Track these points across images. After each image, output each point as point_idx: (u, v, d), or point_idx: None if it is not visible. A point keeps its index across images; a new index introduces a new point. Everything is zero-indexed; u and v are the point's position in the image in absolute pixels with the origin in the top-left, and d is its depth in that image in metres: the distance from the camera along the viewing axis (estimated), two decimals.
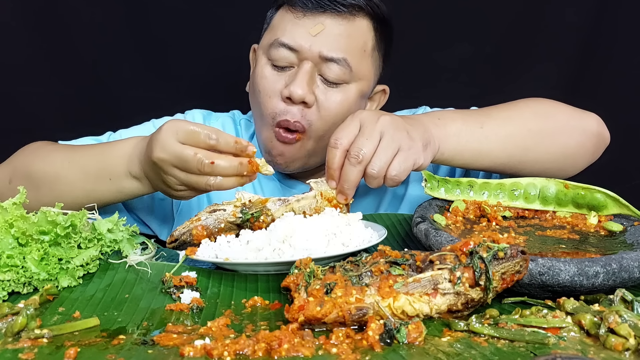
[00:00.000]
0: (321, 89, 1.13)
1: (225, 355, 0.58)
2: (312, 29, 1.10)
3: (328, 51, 1.10)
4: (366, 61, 1.16)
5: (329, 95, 1.13)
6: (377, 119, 0.93)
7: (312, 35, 1.10)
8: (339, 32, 1.12)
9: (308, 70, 1.11)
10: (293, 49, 1.11)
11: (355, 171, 0.91)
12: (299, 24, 1.12)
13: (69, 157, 1.05)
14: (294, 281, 0.70)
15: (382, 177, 0.93)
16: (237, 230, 0.90)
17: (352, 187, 0.93)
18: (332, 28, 1.11)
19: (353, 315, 0.63)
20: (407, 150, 0.93)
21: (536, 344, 0.60)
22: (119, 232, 0.87)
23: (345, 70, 1.12)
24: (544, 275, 0.69)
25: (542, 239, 0.88)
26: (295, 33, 1.11)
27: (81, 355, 0.59)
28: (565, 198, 0.97)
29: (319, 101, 1.12)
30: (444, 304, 0.66)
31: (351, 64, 1.12)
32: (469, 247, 0.67)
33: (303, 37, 1.11)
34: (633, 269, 0.70)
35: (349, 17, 1.12)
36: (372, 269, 0.67)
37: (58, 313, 0.71)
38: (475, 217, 0.97)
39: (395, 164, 0.92)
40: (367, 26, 1.15)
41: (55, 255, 0.78)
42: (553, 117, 1.09)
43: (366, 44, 1.15)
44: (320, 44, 1.10)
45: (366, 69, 1.17)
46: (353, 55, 1.13)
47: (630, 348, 0.58)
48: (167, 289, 0.77)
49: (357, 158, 0.91)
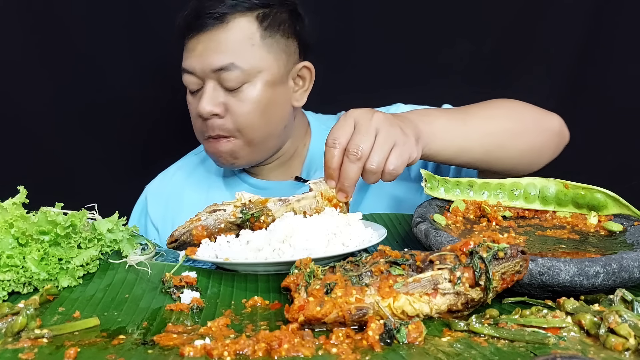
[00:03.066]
0: (228, 97, 1.20)
1: (225, 355, 0.58)
2: (195, 50, 1.19)
3: (214, 63, 1.18)
4: (259, 53, 1.20)
5: (236, 99, 1.20)
6: (371, 117, 0.96)
7: (197, 56, 1.19)
8: (219, 42, 1.19)
9: (210, 87, 1.19)
10: (191, 73, 1.21)
11: (355, 168, 0.93)
12: (188, 48, 1.22)
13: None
14: (294, 281, 0.70)
15: (380, 173, 0.95)
16: (237, 230, 0.90)
17: (352, 184, 0.95)
18: (210, 41, 1.19)
19: (353, 315, 0.63)
20: (402, 145, 0.96)
21: (536, 344, 0.60)
22: (119, 232, 0.87)
23: (238, 72, 1.18)
24: (544, 275, 0.69)
25: (542, 239, 0.88)
26: (189, 58, 1.21)
27: (81, 355, 0.59)
28: (565, 198, 0.97)
29: (230, 109, 1.20)
30: (444, 304, 0.66)
31: (240, 64, 1.18)
32: (469, 247, 0.67)
33: (194, 59, 1.20)
34: (633, 269, 0.70)
35: (223, 25, 1.19)
36: (372, 269, 0.67)
37: (58, 313, 0.71)
38: (475, 217, 0.97)
39: (392, 158, 0.94)
40: (246, 21, 1.20)
41: (55, 255, 0.78)
42: (524, 117, 1.17)
43: (252, 37, 1.20)
44: (207, 59, 1.18)
45: (262, 60, 1.21)
46: (239, 55, 1.19)
47: (630, 348, 0.58)
48: (167, 289, 0.77)
49: (356, 155, 0.93)
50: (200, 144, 1.35)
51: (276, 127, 1.28)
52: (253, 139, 1.24)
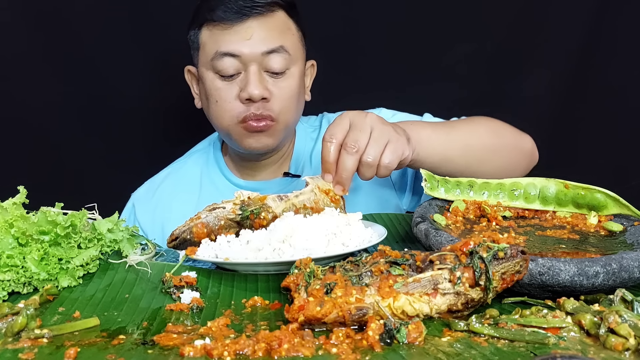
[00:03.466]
0: (271, 82, 1.24)
1: (225, 355, 0.58)
2: (245, 34, 1.21)
3: (266, 46, 1.22)
4: (297, 43, 1.28)
5: (279, 85, 1.25)
6: (365, 116, 1.01)
7: (247, 40, 1.21)
8: (268, 28, 1.23)
9: (256, 71, 1.22)
10: (235, 56, 1.22)
11: (352, 160, 0.97)
12: (230, 33, 1.22)
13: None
14: (294, 281, 0.70)
15: (375, 166, 0.99)
16: (237, 227, 0.90)
17: (349, 176, 0.99)
18: (260, 27, 1.23)
19: (353, 315, 0.63)
20: (396, 142, 1.01)
21: (536, 344, 0.60)
22: (119, 232, 0.87)
23: (286, 55, 1.24)
24: (544, 275, 0.69)
25: (542, 239, 0.88)
26: (232, 41, 1.22)
27: (81, 355, 0.59)
28: (565, 198, 0.97)
29: (273, 94, 1.24)
30: (444, 304, 0.66)
31: (288, 49, 1.24)
32: (469, 247, 0.67)
33: (240, 43, 1.22)
34: (633, 269, 0.70)
35: (269, 14, 1.24)
36: (372, 269, 0.67)
37: (58, 313, 0.71)
38: (475, 217, 0.97)
39: (387, 152, 0.99)
40: (285, 15, 1.27)
41: (55, 255, 0.78)
42: (502, 136, 1.23)
43: (291, 29, 1.28)
44: (258, 43, 1.22)
45: (298, 50, 1.29)
46: (287, 41, 1.25)
47: (630, 348, 0.58)
48: (167, 289, 0.77)
49: (353, 148, 0.98)
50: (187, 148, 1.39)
51: (299, 117, 1.36)
52: (288, 124, 1.29)
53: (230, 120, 1.25)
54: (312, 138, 1.47)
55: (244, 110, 1.23)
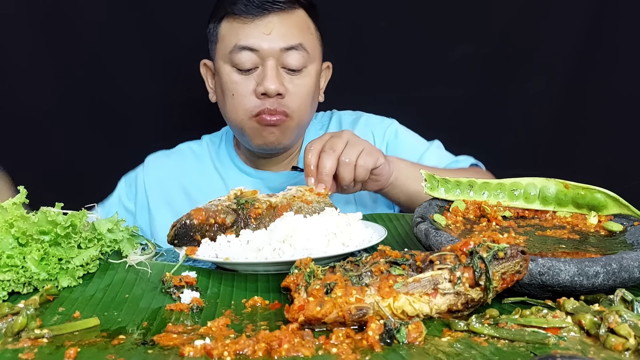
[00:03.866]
0: (287, 79, 1.25)
1: (225, 355, 0.58)
2: (265, 29, 1.22)
3: (285, 42, 1.23)
4: (315, 43, 1.30)
5: (295, 82, 1.26)
6: (343, 132, 1.10)
7: (266, 35, 1.22)
8: (288, 25, 1.24)
9: (273, 66, 1.23)
10: (254, 50, 1.23)
11: (330, 159, 1.04)
12: (250, 27, 1.23)
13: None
14: (294, 281, 0.70)
15: (353, 166, 1.06)
16: (234, 215, 0.91)
17: (329, 174, 1.05)
18: (281, 23, 1.24)
19: (353, 315, 0.63)
20: (371, 149, 1.10)
21: (536, 344, 0.60)
22: (119, 232, 0.87)
23: (304, 53, 1.25)
24: (544, 275, 0.69)
25: (542, 239, 0.88)
26: (251, 35, 1.23)
27: (81, 355, 0.59)
28: (565, 198, 0.97)
29: (288, 90, 1.25)
30: (444, 304, 0.66)
31: (307, 47, 1.26)
32: (469, 247, 0.67)
33: (260, 37, 1.23)
34: (633, 269, 0.70)
35: (290, 11, 1.25)
36: (372, 269, 0.67)
37: (58, 313, 0.71)
38: (475, 217, 0.97)
39: (363, 154, 1.08)
40: (305, 14, 1.29)
41: (55, 255, 0.78)
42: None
43: (310, 28, 1.29)
44: (277, 38, 1.23)
45: (316, 50, 1.31)
46: (306, 39, 1.26)
47: (630, 348, 0.58)
48: (167, 289, 0.77)
49: (331, 149, 1.06)
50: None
51: (312, 116, 1.37)
52: (301, 122, 1.30)
53: (244, 114, 1.26)
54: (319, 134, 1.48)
55: (258, 105, 1.24)
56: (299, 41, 1.24)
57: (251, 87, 1.24)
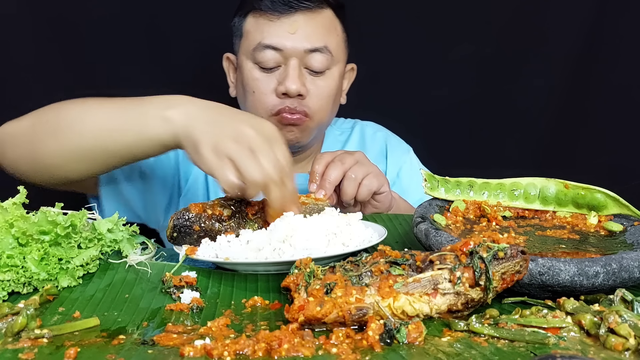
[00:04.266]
0: (309, 79, 1.24)
1: (225, 355, 0.58)
2: (290, 28, 1.20)
3: (310, 44, 1.21)
4: (340, 44, 1.28)
5: (317, 83, 1.25)
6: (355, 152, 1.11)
7: (291, 34, 1.20)
8: (314, 25, 1.22)
9: (296, 66, 1.21)
10: (278, 49, 1.21)
11: (337, 170, 1.05)
12: (276, 25, 1.21)
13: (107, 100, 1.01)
14: (294, 281, 0.70)
15: (357, 184, 1.06)
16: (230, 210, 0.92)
17: (332, 183, 1.05)
18: (307, 23, 1.22)
19: (353, 315, 0.63)
20: (378, 175, 1.10)
21: (536, 344, 0.60)
22: (119, 232, 0.87)
23: (328, 56, 1.24)
24: (544, 275, 0.69)
25: (542, 239, 0.88)
26: (276, 34, 1.21)
27: (81, 355, 0.59)
28: (565, 198, 0.97)
29: (310, 91, 1.24)
30: (444, 304, 0.66)
31: (331, 50, 1.24)
32: (469, 247, 0.67)
33: (284, 36, 1.21)
34: (633, 269, 0.70)
35: (317, 10, 1.23)
36: (372, 269, 0.67)
37: (58, 313, 0.71)
38: (475, 217, 0.97)
39: (370, 176, 1.08)
40: (332, 14, 1.27)
41: (55, 255, 0.78)
42: None
43: (337, 29, 1.27)
44: (302, 39, 1.21)
45: (341, 52, 1.29)
46: (331, 41, 1.24)
47: (630, 348, 0.58)
48: (167, 289, 0.77)
49: (340, 162, 1.06)
50: None
51: (332, 118, 1.37)
52: (321, 123, 1.30)
53: (264, 112, 1.25)
54: (340, 141, 1.50)
55: (278, 104, 1.23)
56: (323, 43, 1.22)
57: (272, 85, 1.23)
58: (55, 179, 1.03)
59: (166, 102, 0.93)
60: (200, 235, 0.89)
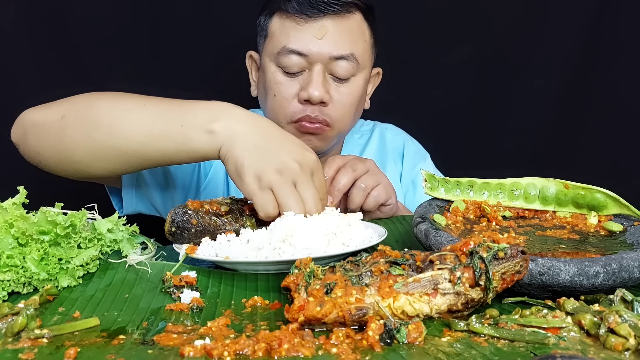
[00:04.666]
0: (333, 86, 1.21)
1: (225, 355, 0.57)
2: (318, 33, 1.16)
3: (337, 50, 1.18)
4: (367, 50, 1.25)
5: (341, 90, 1.21)
6: (366, 159, 1.09)
7: (318, 39, 1.16)
8: (341, 31, 1.18)
9: (320, 72, 1.18)
10: (303, 54, 1.17)
11: (348, 177, 1.04)
12: (302, 29, 1.17)
13: (144, 100, 0.97)
14: (294, 281, 0.70)
15: (366, 195, 1.05)
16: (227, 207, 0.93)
17: (341, 190, 1.04)
18: (334, 28, 1.17)
19: (353, 315, 0.63)
20: (387, 186, 1.09)
21: (536, 344, 0.60)
22: (119, 232, 0.87)
23: (354, 64, 1.20)
24: (544, 275, 0.69)
25: (542, 239, 0.88)
26: (302, 39, 1.17)
27: (81, 355, 0.59)
28: (565, 198, 0.97)
29: (333, 98, 1.21)
30: (444, 304, 0.66)
31: (357, 57, 1.20)
32: (469, 247, 0.67)
33: (310, 41, 1.17)
34: (633, 269, 0.70)
35: (346, 15, 1.19)
36: (372, 269, 0.67)
37: (58, 313, 0.71)
38: (475, 217, 0.97)
39: (379, 187, 1.07)
40: (361, 18, 1.22)
41: (55, 255, 0.78)
42: None
43: (364, 34, 1.23)
44: (328, 45, 1.17)
45: (368, 58, 1.25)
46: (357, 48, 1.20)
47: (630, 348, 0.58)
48: (167, 288, 0.77)
49: (352, 169, 1.04)
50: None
51: (354, 124, 1.34)
52: (342, 131, 1.28)
53: (283, 118, 1.22)
54: (359, 144, 1.48)
55: (299, 111, 1.20)
56: (350, 51, 1.18)
57: (295, 90, 1.20)
58: (80, 174, 1.00)
59: (210, 113, 0.90)
60: (198, 230, 0.89)
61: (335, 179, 1.04)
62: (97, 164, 0.97)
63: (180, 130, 0.90)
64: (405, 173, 1.47)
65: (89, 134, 0.94)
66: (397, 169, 1.48)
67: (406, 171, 1.47)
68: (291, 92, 1.20)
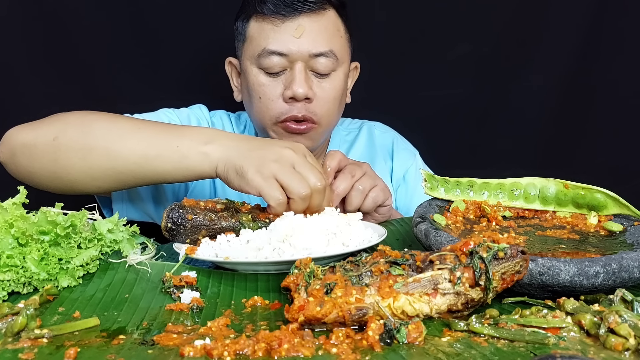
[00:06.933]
0: (315, 82, 1.23)
1: (225, 355, 0.58)
2: (295, 32, 1.19)
3: (315, 48, 1.21)
4: (344, 45, 1.28)
5: (323, 86, 1.24)
6: (362, 163, 1.12)
7: (296, 38, 1.19)
8: (318, 28, 1.21)
9: (302, 70, 1.21)
10: (283, 54, 1.20)
11: (347, 182, 1.05)
12: (280, 30, 1.20)
13: (138, 122, 1.02)
14: (294, 281, 0.70)
15: (364, 196, 1.07)
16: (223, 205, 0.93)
17: (340, 196, 1.06)
18: (311, 26, 1.21)
19: (353, 315, 0.63)
20: (384, 188, 1.11)
21: (536, 344, 0.60)
22: (119, 232, 0.87)
23: (333, 60, 1.23)
24: (544, 275, 0.69)
25: (542, 239, 0.88)
26: (281, 39, 1.20)
27: (81, 355, 0.59)
28: (565, 198, 0.97)
29: (316, 94, 1.23)
30: (444, 304, 0.66)
31: (336, 53, 1.23)
32: (469, 247, 0.67)
33: (289, 41, 1.20)
34: (633, 269, 0.70)
35: (321, 12, 1.22)
36: (372, 269, 0.67)
37: (58, 313, 0.71)
38: (475, 217, 0.97)
39: (376, 189, 1.09)
40: (335, 15, 1.26)
41: (55, 255, 0.78)
42: None
43: (340, 30, 1.26)
44: (307, 43, 1.20)
45: (345, 53, 1.28)
46: (335, 44, 1.24)
47: (630, 348, 0.58)
48: (167, 288, 0.77)
49: (350, 174, 1.07)
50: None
51: (339, 119, 1.36)
52: (328, 127, 1.30)
53: (270, 119, 1.25)
54: (347, 141, 1.50)
55: (286, 111, 1.23)
56: (328, 47, 1.21)
57: (279, 90, 1.22)
58: (74, 191, 1.03)
59: (202, 136, 0.96)
60: (194, 225, 0.89)
61: (334, 184, 1.06)
62: (93, 183, 1.00)
63: (176, 150, 0.95)
64: (396, 170, 1.48)
65: (84, 157, 0.97)
66: (387, 166, 1.49)
67: (397, 168, 1.48)
68: (275, 93, 1.22)
